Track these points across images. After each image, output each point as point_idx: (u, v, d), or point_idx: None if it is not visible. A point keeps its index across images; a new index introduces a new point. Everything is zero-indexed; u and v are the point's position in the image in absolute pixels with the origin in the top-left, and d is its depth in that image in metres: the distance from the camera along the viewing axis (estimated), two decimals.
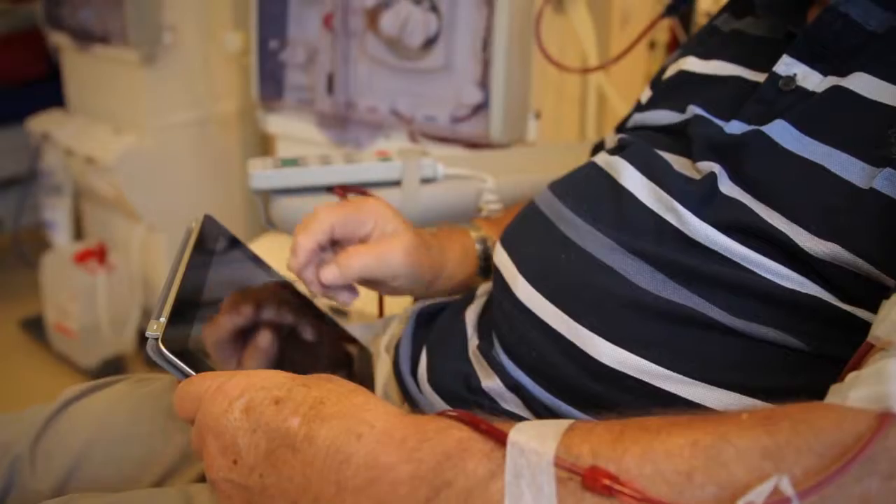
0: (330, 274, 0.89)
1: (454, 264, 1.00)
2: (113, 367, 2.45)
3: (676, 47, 1.41)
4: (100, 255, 2.42)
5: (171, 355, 0.66)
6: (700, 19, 2.13)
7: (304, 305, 0.93)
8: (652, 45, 2.25)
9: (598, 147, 1.13)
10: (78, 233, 2.66)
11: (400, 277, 0.94)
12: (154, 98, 2.30)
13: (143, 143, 2.31)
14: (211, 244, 0.83)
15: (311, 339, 0.90)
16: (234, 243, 0.88)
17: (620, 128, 1.09)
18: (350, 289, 0.94)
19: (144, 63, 2.26)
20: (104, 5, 2.27)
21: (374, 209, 0.93)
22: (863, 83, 0.74)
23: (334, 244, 0.94)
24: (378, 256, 0.91)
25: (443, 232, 1.03)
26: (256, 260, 0.90)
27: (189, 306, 0.73)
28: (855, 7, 0.77)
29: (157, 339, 0.66)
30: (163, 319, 0.67)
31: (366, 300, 1.46)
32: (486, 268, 1.03)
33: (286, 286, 0.92)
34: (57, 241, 2.55)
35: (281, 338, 0.84)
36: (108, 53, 2.31)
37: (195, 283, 0.76)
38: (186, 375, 0.66)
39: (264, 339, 0.81)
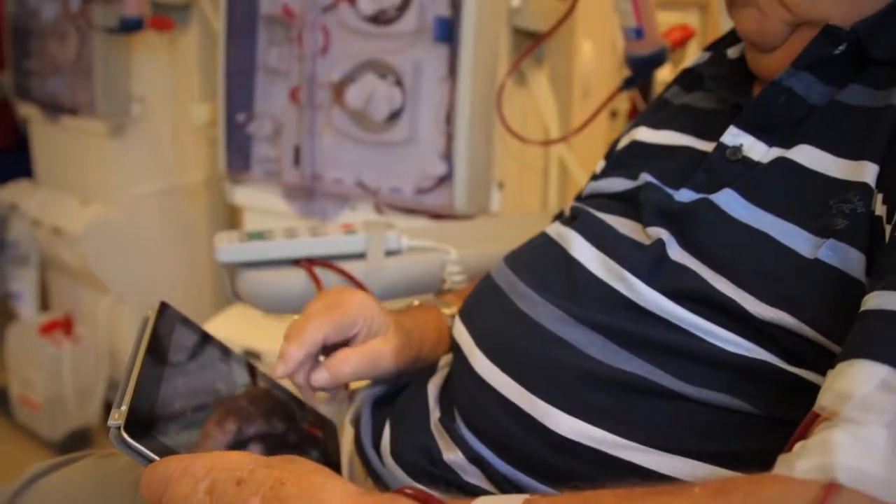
0: (322, 379, 0.89)
1: (430, 349, 1.01)
2: (78, 440, 2.43)
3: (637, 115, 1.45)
4: (66, 326, 2.41)
5: (134, 443, 0.66)
6: (658, 88, 2.18)
7: (266, 383, 0.93)
8: (613, 115, 2.30)
9: (559, 218, 1.16)
10: (44, 304, 2.64)
11: (387, 374, 0.94)
12: (122, 169, 2.31)
13: (110, 214, 2.32)
14: (168, 330, 0.84)
15: (276, 418, 0.90)
16: (192, 327, 0.89)
17: (578, 198, 1.11)
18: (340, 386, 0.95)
19: (113, 134, 2.27)
20: (73, 77, 2.29)
21: (361, 308, 0.92)
22: (806, 155, 0.77)
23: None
24: (369, 362, 0.91)
25: (418, 313, 1.03)
26: (214, 342, 0.91)
27: (150, 392, 0.74)
28: (798, 82, 0.81)
29: (118, 428, 0.66)
30: (124, 408, 0.68)
31: None
32: None
33: (246, 366, 0.93)
34: (22, 312, 2.54)
35: (245, 418, 0.84)
36: (77, 124, 2.33)
37: (155, 369, 0.77)
38: (151, 461, 0.67)
39: (229, 420, 0.82)
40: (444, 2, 1.50)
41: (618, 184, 0.94)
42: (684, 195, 0.83)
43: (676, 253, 0.79)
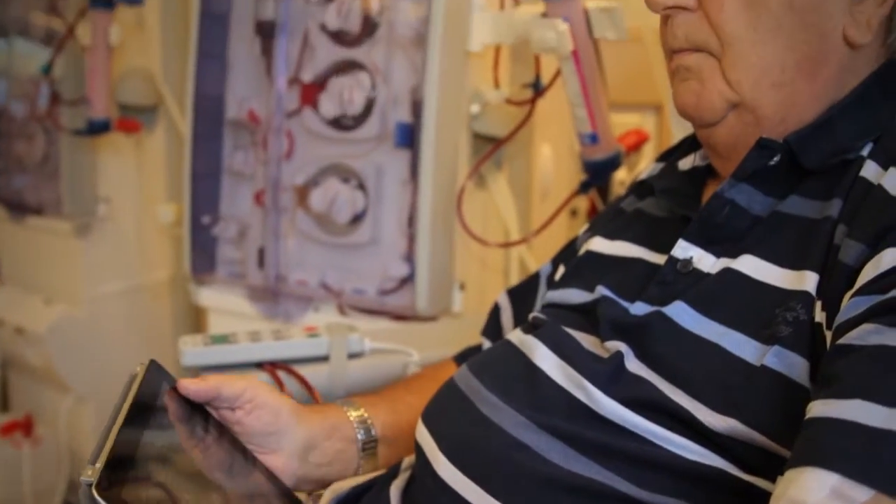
0: (187, 381, 0.90)
1: (320, 435, 1.00)
2: None
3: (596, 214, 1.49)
4: (26, 427, 2.38)
5: (103, 503, 0.65)
6: (616, 188, 2.23)
7: (245, 454, 0.93)
8: (573, 213, 2.33)
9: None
10: (4, 404, 2.61)
11: (259, 403, 0.94)
12: (87, 268, 2.32)
13: (74, 313, 2.31)
14: (154, 391, 0.83)
15: (249, 487, 0.90)
16: (178, 391, 0.88)
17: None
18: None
19: (78, 234, 2.28)
20: (40, 177, 2.31)
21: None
22: (750, 265, 0.80)
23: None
24: (235, 377, 0.94)
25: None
26: (199, 409, 0.91)
27: (128, 453, 0.73)
28: (739, 194, 0.84)
29: (90, 486, 0.65)
30: (98, 465, 0.67)
31: None
32: (372, 452, 1.04)
33: (225, 433, 0.92)
34: None
35: (220, 485, 0.84)
36: (42, 224, 2.34)
37: (136, 431, 0.76)
38: None
39: (205, 487, 0.82)
40: (405, 108, 1.55)
41: (576, 295, 0.97)
42: (639, 308, 0.86)
43: (633, 364, 0.81)
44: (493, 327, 1.19)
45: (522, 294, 1.18)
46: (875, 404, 0.62)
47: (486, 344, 1.18)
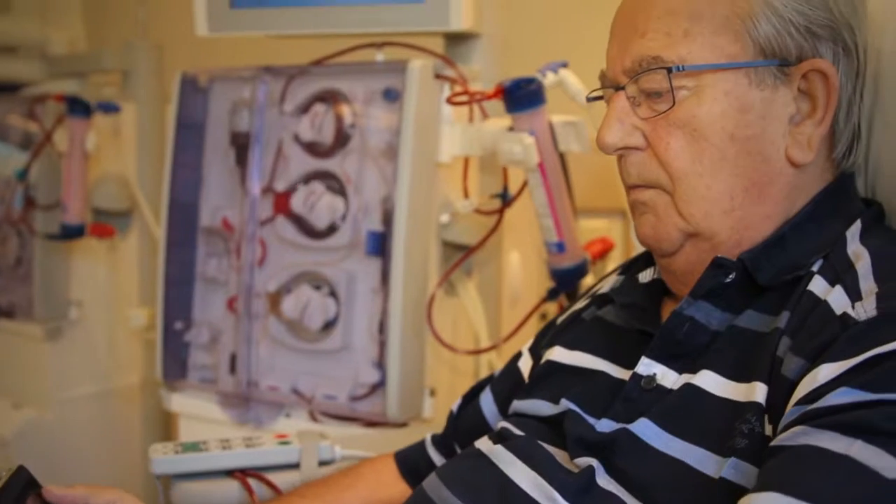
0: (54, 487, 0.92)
1: None
2: None
3: None
4: None
5: None
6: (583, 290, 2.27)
7: None
8: (543, 317, 2.36)
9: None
10: None
11: None
12: (57, 372, 2.31)
13: (42, 418, 2.30)
14: (19, 495, 0.84)
15: None
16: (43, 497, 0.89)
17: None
18: None
19: (49, 337, 2.28)
20: (12, 280, 2.32)
21: None
22: (709, 380, 0.83)
23: None
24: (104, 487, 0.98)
25: None
26: None
27: None
28: (698, 311, 0.88)
29: None
30: None
31: None
32: None
33: None
34: None
35: None
36: (13, 327, 2.34)
37: None
38: None
39: None
40: (376, 217, 1.59)
41: (541, 407, 0.99)
42: (605, 425, 0.88)
43: (604, 480, 0.84)
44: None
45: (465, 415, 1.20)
46: (788, 497, 0.65)
47: (433, 453, 1.19)
